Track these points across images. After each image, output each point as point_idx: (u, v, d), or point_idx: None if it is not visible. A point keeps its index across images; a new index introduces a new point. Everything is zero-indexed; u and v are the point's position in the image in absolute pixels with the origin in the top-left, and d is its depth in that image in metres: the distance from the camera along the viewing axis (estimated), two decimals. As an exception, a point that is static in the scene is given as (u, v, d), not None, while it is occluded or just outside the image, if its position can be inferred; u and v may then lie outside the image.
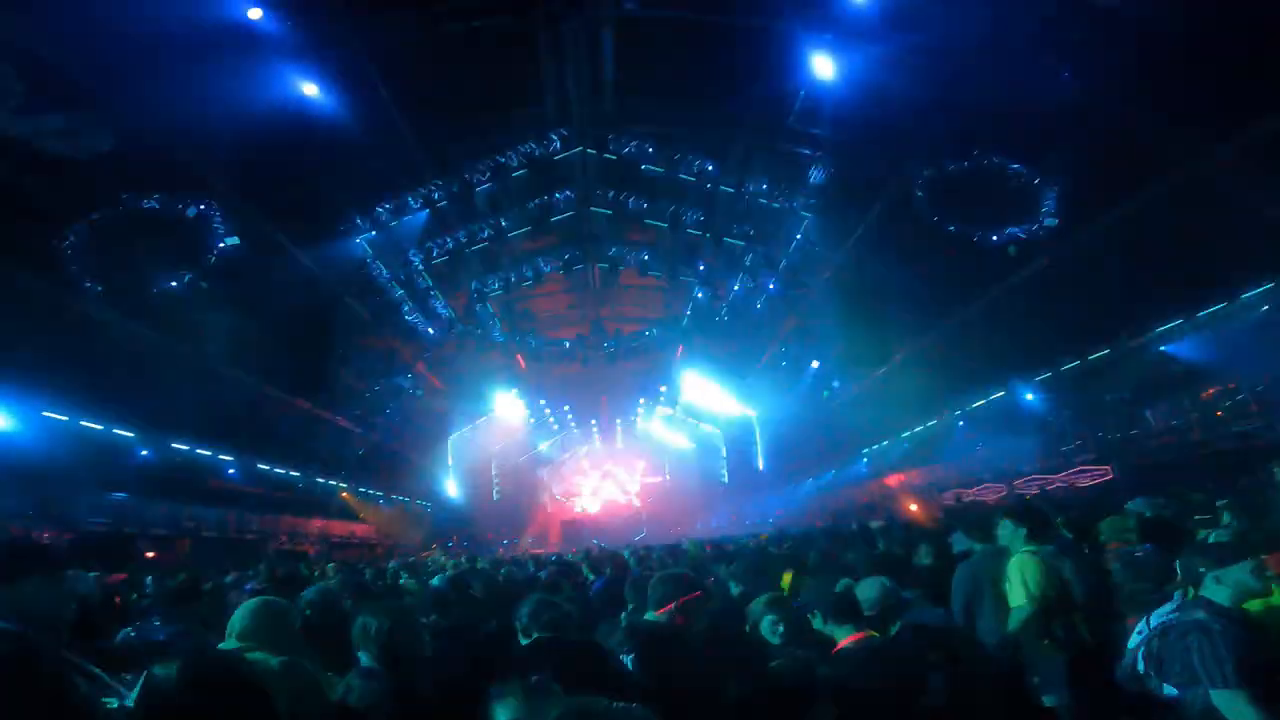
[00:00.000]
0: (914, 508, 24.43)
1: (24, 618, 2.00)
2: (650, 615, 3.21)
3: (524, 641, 3.09)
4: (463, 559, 18.90)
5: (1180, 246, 10.77)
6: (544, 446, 33.42)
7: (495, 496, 31.92)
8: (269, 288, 16.08)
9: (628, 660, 2.93)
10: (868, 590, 3.62)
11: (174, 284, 14.16)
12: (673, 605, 3.14)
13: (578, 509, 35.70)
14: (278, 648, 2.71)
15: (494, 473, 31.49)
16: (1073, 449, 18.24)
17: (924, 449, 24.22)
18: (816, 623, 3.26)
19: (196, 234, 13.72)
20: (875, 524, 16.35)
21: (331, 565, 17.15)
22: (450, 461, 29.24)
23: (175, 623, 4.36)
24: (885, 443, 25.56)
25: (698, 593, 3.26)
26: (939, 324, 17.67)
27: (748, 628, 3.51)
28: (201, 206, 13.40)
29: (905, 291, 16.81)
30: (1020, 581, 3.72)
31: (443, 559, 19.28)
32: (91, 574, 11.22)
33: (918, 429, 23.83)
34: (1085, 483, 17.66)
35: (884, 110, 11.64)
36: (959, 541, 7.18)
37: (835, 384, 23.00)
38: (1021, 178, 11.66)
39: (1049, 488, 19.32)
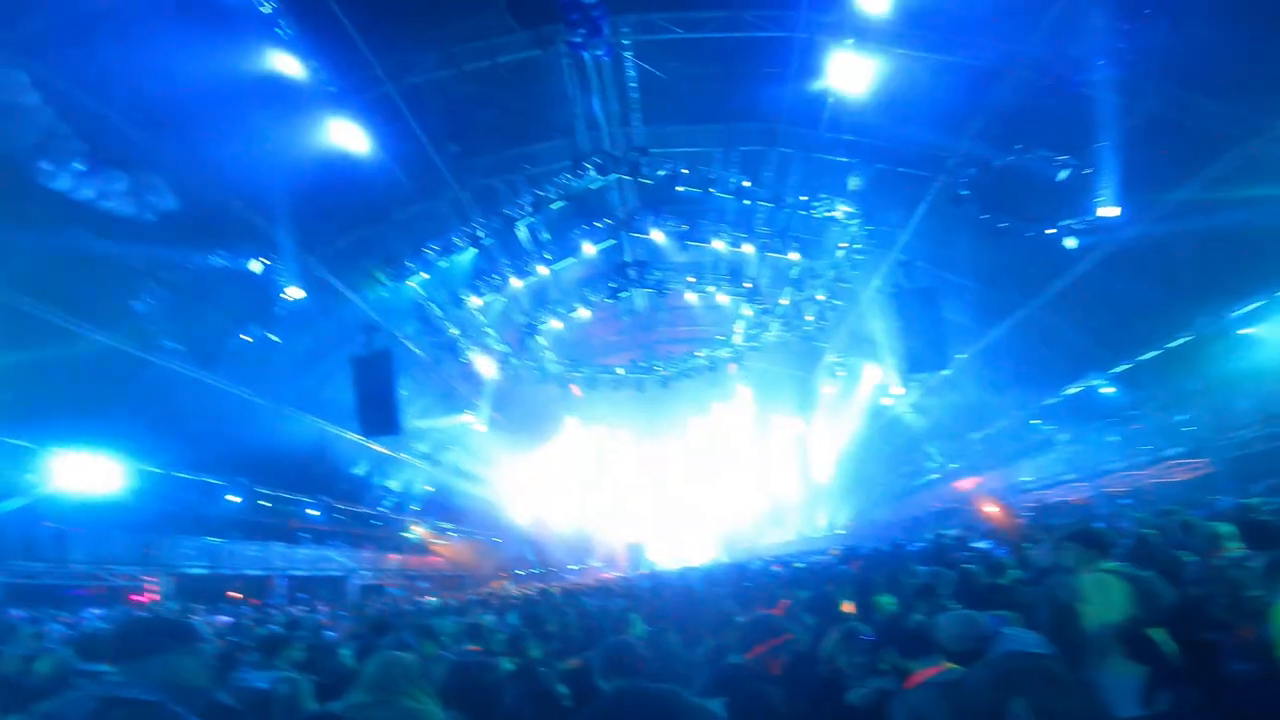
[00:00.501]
0: (992, 511, 23.51)
1: (164, 689, 2.18)
2: (734, 659, 3.18)
3: (603, 685, 3.11)
4: (534, 588, 19.23)
5: (1251, 224, 10.14)
6: (604, 471, 33.61)
7: (561, 524, 32.23)
8: (333, 335, 16.86)
9: (712, 704, 2.89)
10: (951, 626, 3.44)
11: (246, 337, 15.01)
12: (763, 649, 3.11)
13: (642, 531, 35.64)
14: (400, 703, 2.83)
15: (558, 501, 31.82)
16: (1161, 443, 17.23)
17: (999, 450, 23.39)
18: (890, 655, 3.19)
19: (262, 287, 14.43)
20: (952, 532, 15.86)
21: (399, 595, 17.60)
22: (516, 493, 29.76)
23: (274, 669, 4.62)
24: (956, 446, 24.79)
25: (788, 635, 3.23)
26: (1001, 322, 17.14)
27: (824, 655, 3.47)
28: (264, 260, 13.96)
29: (962, 291, 16.39)
30: (1096, 601, 3.59)
31: (513, 589, 19.63)
32: (196, 619, 11.89)
33: (989, 430, 23.04)
34: (1180, 478, 16.61)
35: (919, 108, 11.45)
36: (1043, 557, 6.87)
37: (896, 389, 22.45)
38: (1072, 165, 11.21)
39: (1140, 485, 18.31)
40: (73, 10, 8.45)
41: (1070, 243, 12.58)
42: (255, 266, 13.94)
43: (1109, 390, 16.61)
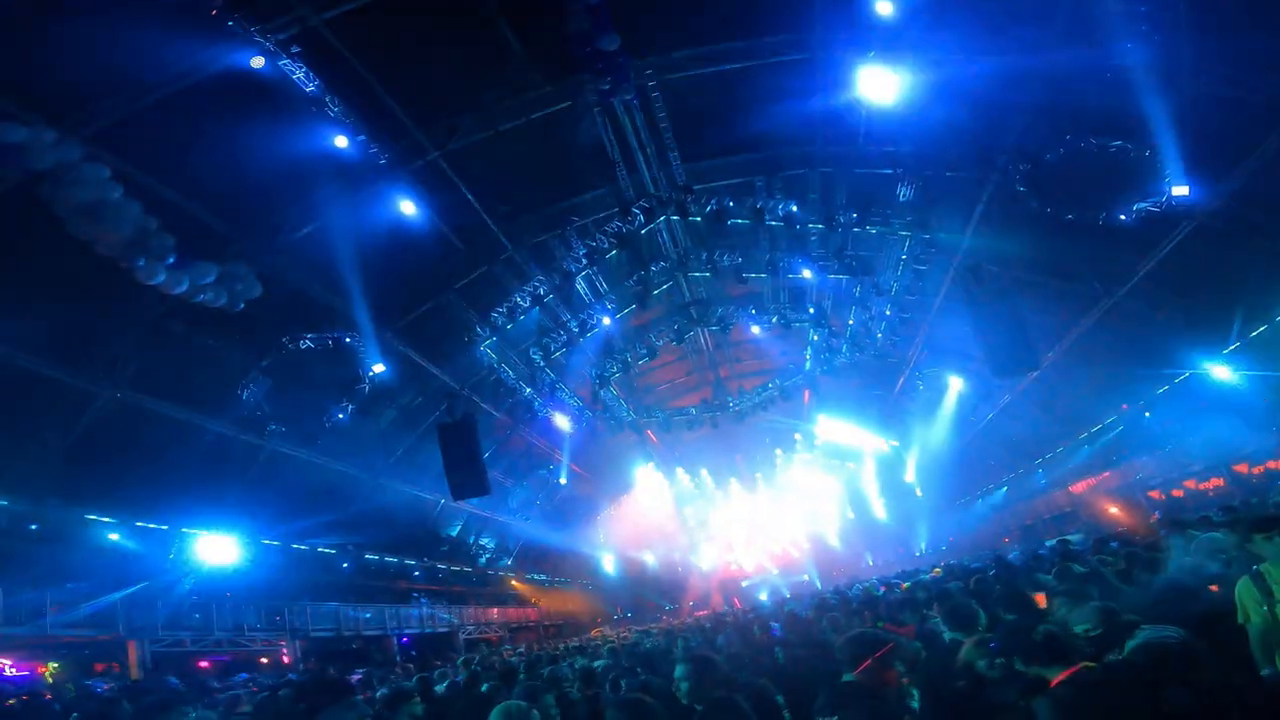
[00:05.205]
0: (1114, 511, 21.90)
1: None
2: (847, 676, 3.22)
3: None
4: (633, 631, 19.26)
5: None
6: (688, 511, 33.42)
7: (651, 566, 32.22)
8: (416, 405, 17.87)
9: None
10: (1082, 619, 3.33)
11: (340, 416, 16.12)
12: (869, 663, 3.13)
13: (733, 566, 35.01)
14: None
15: (646, 544, 31.88)
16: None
17: (1112, 447, 21.83)
18: (1018, 665, 3.08)
19: (349, 366, 15.40)
20: (1074, 536, 14.78)
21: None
22: (603, 540, 30.10)
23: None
24: (1061, 448, 23.28)
25: (890, 645, 3.24)
26: (1087, 314, 16.13)
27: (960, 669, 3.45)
28: (347, 340, 14.85)
29: (1039, 288, 15.62)
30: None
31: (611, 634, 19.72)
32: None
33: (1096, 428, 21.55)
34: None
35: (955, 111, 11.15)
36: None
37: (985, 397, 21.38)
38: (1130, 148, 10.58)
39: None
40: (138, 104, 8.91)
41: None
42: (339, 346, 14.91)
43: (1222, 372, 15.20)
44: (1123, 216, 11.86)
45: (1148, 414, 19.61)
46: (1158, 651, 2.82)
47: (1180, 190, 10.44)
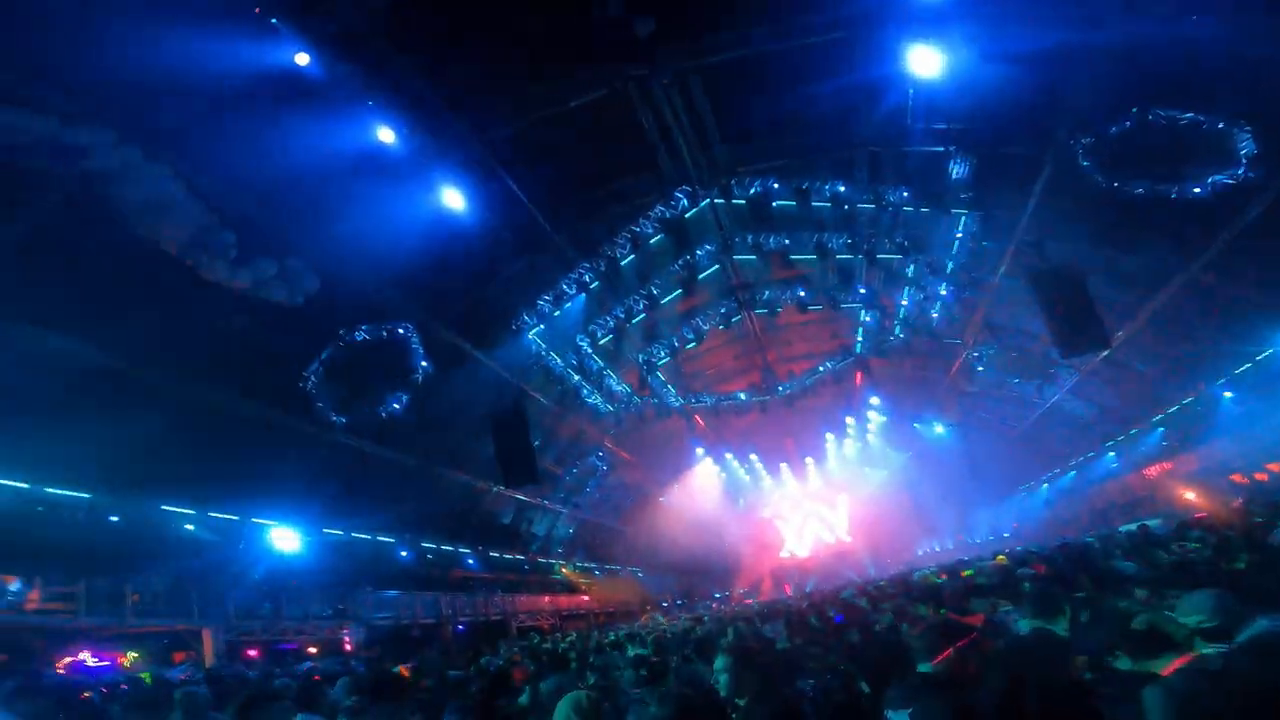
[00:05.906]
0: (1192, 496, 20.87)
1: None
2: (923, 667, 3.11)
3: None
4: (683, 619, 19.28)
5: None
6: (739, 498, 33.15)
7: (701, 553, 32.10)
8: (468, 394, 18.13)
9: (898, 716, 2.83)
10: (1196, 605, 3.14)
11: (396, 405, 16.49)
12: (949, 653, 3.02)
13: (784, 554, 34.65)
14: None
15: (696, 531, 31.73)
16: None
17: (1189, 430, 20.79)
18: (1122, 663, 2.92)
19: (403, 357, 15.71)
20: (1153, 522, 14.11)
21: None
22: (652, 527, 30.15)
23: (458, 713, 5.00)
24: (1134, 431, 22.20)
25: (973, 635, 3.11)
26: (1160, 290, 15.24)
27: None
28: (401, 331, 15.14)
29: (1105, 264, 14.80)
30: None
31: (662, 620, 19.79)
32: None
33: (1172, 410, 20.48)
34: None
35: (1008, 86, 10.58)
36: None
37: (1049, 378, 20.51)
38: (1202, 120, 9.84)
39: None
40: (189, 103, 9.04)
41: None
42: (393, 338, 15.25)
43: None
44: (1197, 190, 11.14)
45: (1228, 394, 18.61)
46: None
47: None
